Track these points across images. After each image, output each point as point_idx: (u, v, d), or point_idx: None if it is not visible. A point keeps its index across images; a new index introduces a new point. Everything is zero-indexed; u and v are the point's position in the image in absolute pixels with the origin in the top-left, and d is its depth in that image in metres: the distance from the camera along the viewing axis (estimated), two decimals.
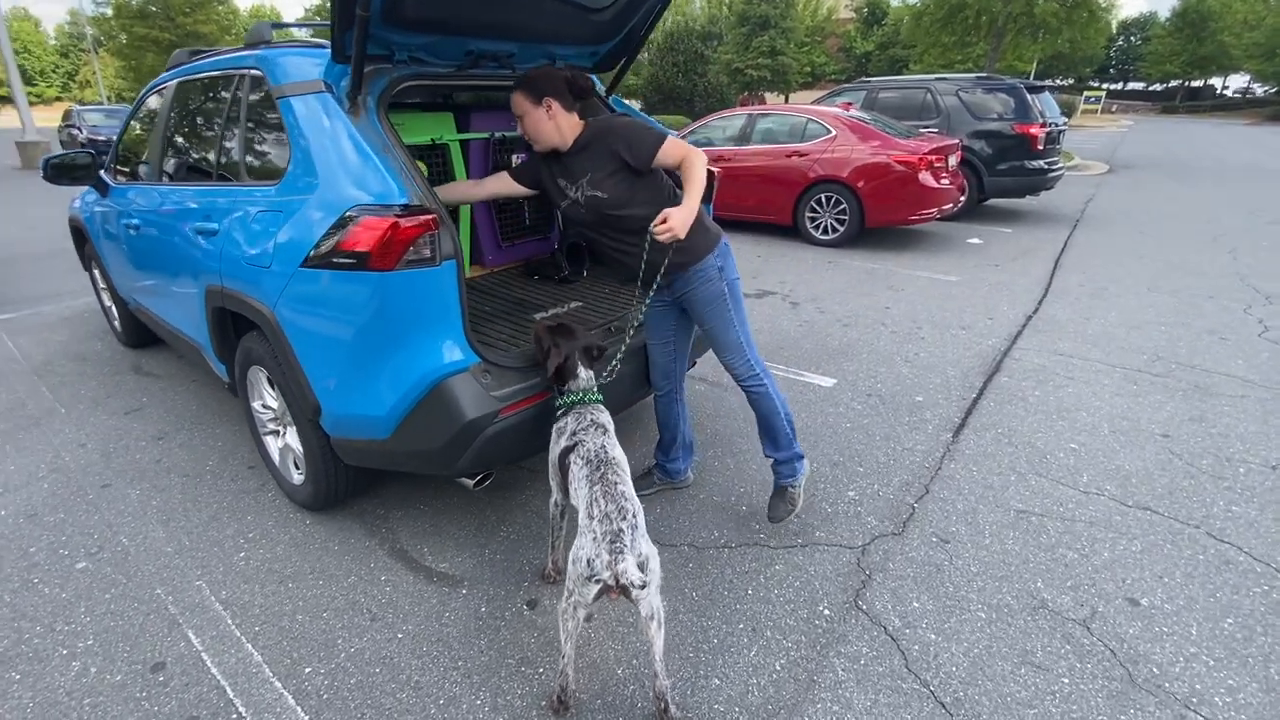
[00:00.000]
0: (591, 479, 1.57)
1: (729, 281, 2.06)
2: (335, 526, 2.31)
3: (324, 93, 1.87)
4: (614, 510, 1.46)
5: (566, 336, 1.86)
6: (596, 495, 1.51)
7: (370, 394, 1.82)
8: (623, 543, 1.40)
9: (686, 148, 1.90)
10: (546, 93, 1.87)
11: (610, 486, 1.53)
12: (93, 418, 3.13)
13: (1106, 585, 2.01)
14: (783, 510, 2.22)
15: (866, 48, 36.87)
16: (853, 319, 4.54)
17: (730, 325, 2.07)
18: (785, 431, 2.19)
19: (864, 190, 6.43)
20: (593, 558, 1.40)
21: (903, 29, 20.80)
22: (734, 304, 2.07)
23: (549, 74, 1.92)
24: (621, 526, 1.43)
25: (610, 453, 1.65)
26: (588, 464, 1.61)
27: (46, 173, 3.02)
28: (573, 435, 1.73)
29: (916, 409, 3.20)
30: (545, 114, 1.89)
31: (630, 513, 1.47)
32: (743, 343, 2.10)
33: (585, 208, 1.96)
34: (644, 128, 1.92)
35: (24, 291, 5.22)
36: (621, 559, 1.37)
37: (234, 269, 2.10)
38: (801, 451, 2.24)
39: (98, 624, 1.88)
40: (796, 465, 2.22)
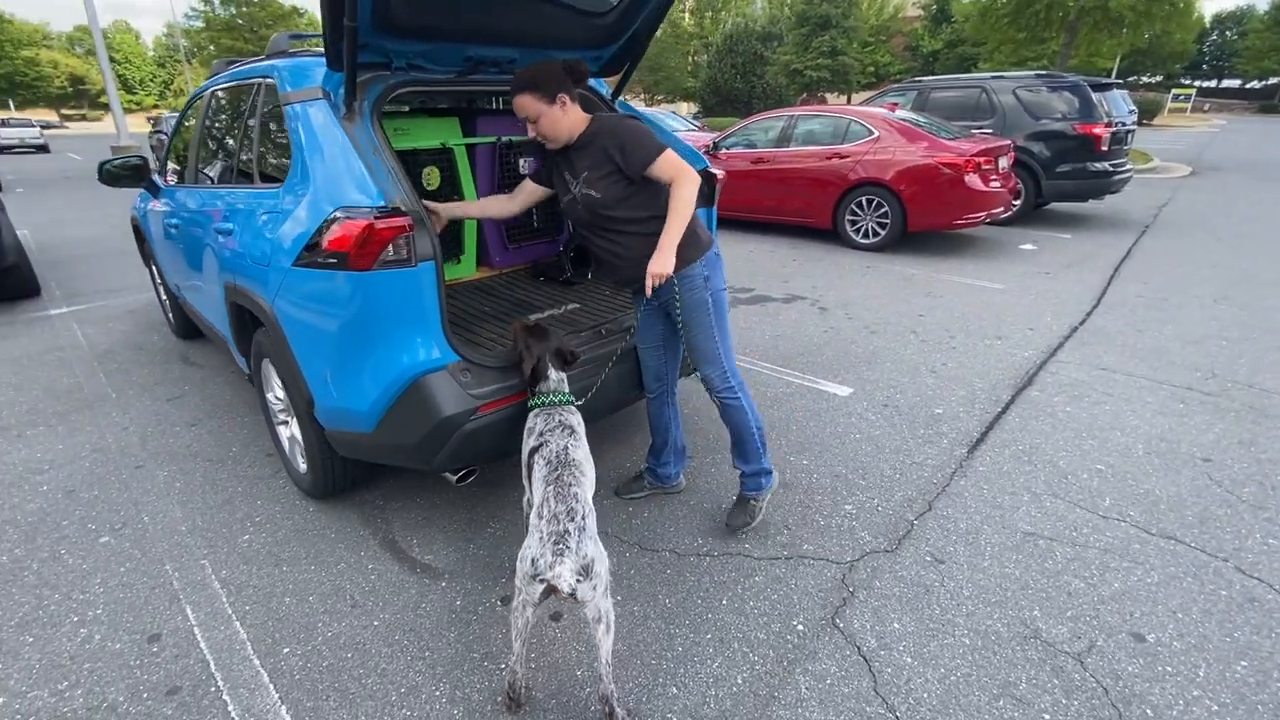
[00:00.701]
0: (547, 479, 1.58)
1: (714, 291, 2.04)
2: (335, 515, 2.40)
3: (322, 100, 1.96)
4: (563, 511, 1.47)
5: (540, 338, 1.89)
6: (549, 495, 1.52)
7: (354, 389, 1.89)
8: (566, 544, 1.40)
9: (680, 168, 1.85)
10: (558, 89, 1.85)
11: (564, 488, 1.54)
12: (138, 403, 3.37)
13: (1111, 618, 1.87)
14: (741, 520, 2.23)
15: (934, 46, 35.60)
16: (881, 326, 4.39)
17: (710, 335, 2.05)
18: (755, 446, 2.18)
19: (906, 193, 6.21)
20: (537, 557, 1.41)
21: (967, 26, 19.89)
22: (716, 314, 2.05)
23: (551, 70, 1.87)
24: (569, 528, 1.43)
25: (571, 454, 1.65)
26: (547, 464, 1.63)
27: (101, 176, 3.28)
28: (540, 435, 1.75)
29: (934, 422, 3.06)
30: (561, 110, 1.87)
31: (579, 514, 1.47)
32: (720, 354, 2.08)
33: (581, 205, 1.96)
34: (643, 135, 1.88)
35: (97, 284, 5.67)
36: (561, 562, 1.37)
37: (244, 267, 2.22)
38: (770, 467, 2.25)
39: (109, 595, 2.02)
40: (763, 480, 2.23)
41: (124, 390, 3.52)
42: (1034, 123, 7.44)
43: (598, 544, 1.47)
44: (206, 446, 2.93)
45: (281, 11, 31.69)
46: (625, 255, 1.99)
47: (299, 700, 1.64)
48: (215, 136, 2.89)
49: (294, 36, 2.45)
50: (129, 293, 5.38)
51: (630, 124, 1.92)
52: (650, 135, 1.90)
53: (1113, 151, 7.27)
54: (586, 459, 1.71)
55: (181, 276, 3.36)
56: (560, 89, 1.85)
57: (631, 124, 1.92)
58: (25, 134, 24.48)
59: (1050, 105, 7.42)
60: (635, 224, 1.94)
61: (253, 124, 2.39)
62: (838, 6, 30.25)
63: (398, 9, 1.86)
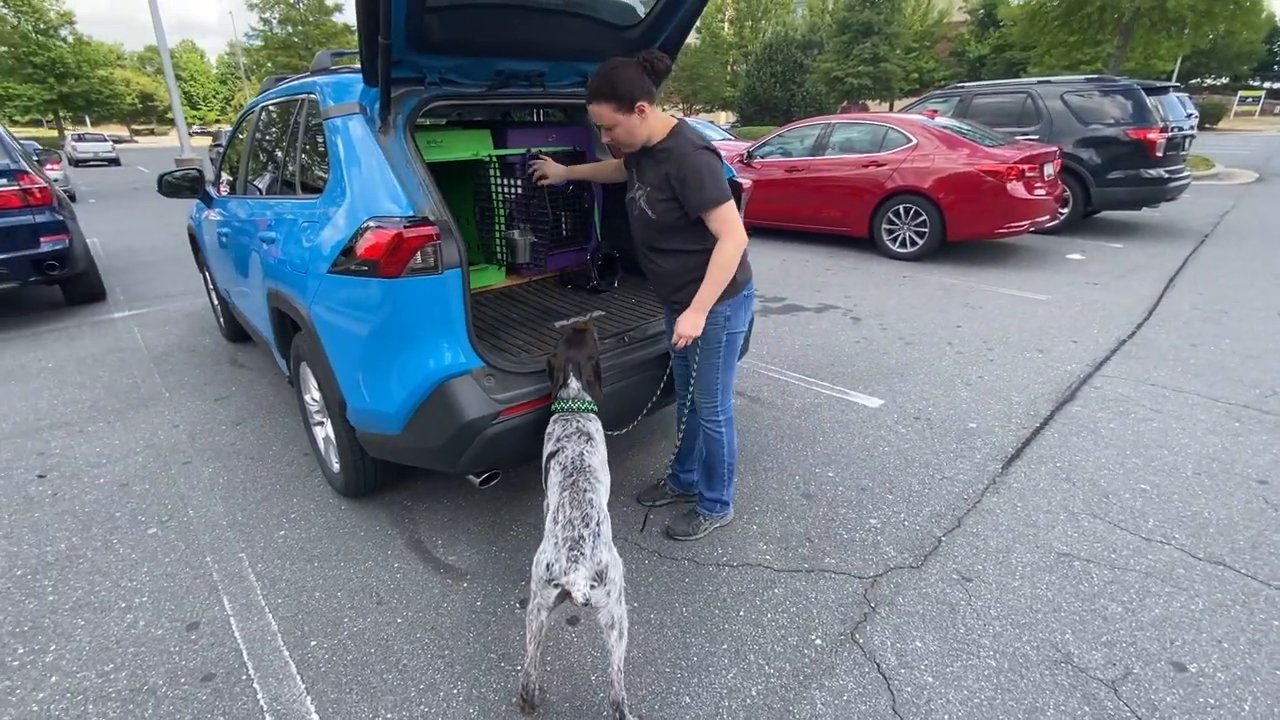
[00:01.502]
0: (563, 485, 1.60)
1: (730, 332, 2.03)
2: (365, 514, 2.48)
3: (359, 114, 2.04)
4: (578, 517, 1.48)
5: (574, 346, 1.93)
6: (564, 501, 1.54)
7: (383, 391, 1.96)
8: (581, 550, 1.42)
9: (728, 227, 1.79)
10: (637, 96, 1.76)
11: (579, 494, 1.55)
12: (189, 403, 3.54)
13: (1150, 645, 1.79)
14: (683, 529, 2.28)
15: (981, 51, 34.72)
16: (916, 337, 4.30)
17: (714, 370, 2.07)
18: (722, 476, 2.24)
19: (945, 201, 6.08)
20: (552, 562, 1.43)
21: (1015, 30, 19.34)
22: (726, 352, 2.05)
23: (628, 74, 1.75)
24: (583, 534, 1.45)
25: (587, 460, 1.67)
26: (563, 470, 1.66)
27: (161, 188, 3.48)
28: (557, 441, 1.78)
29: (967, 436, 2.98)
30: (639, 119, 1.79)
31: (594, 520, 1.49)
32: (718, 389, 2.11)
33: (636, 213, 1.98)
34: (708, 177, 1.78)
35: (156, 290, 5.99)
36: (575, 568, 1.39)
37: (284, 273, 2.32)
38: (729, 499, 2.30)
39: (154, 584, 2.13)
40: (717, 507, 2.30)
41: (176, 390, 3.71)
42: (1083, 128, 7.18)
43: (612, 550, 1.49)
44: (249, 445, 3.06)
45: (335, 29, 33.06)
46: (660, 274, 2.03)
47: (323, 692, 1.70)
48: (263, 149, 3.04)
49: (336, 54, 2.57)
50: (185, 298, 5.67)
51: (701, 160, 1.79)
52: (716, 179, 1.79)
53: (1168, 157, 6.96)
54: (602, 465, 1.73)
55: (230, 282, 3.53)
56: (640, 96, 1.76)
57: (702, 160, 1.80)
58: (99, 148, 26.08)
59: (1101, 110, 7.16)
60: (679, 254, 1.94)
61: (296, 137, 2.51)
62: (880, 13, 29.81)
63: (431, 26, 1.93)
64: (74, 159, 24.94)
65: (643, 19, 2.39)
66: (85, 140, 26.69)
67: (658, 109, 1.87)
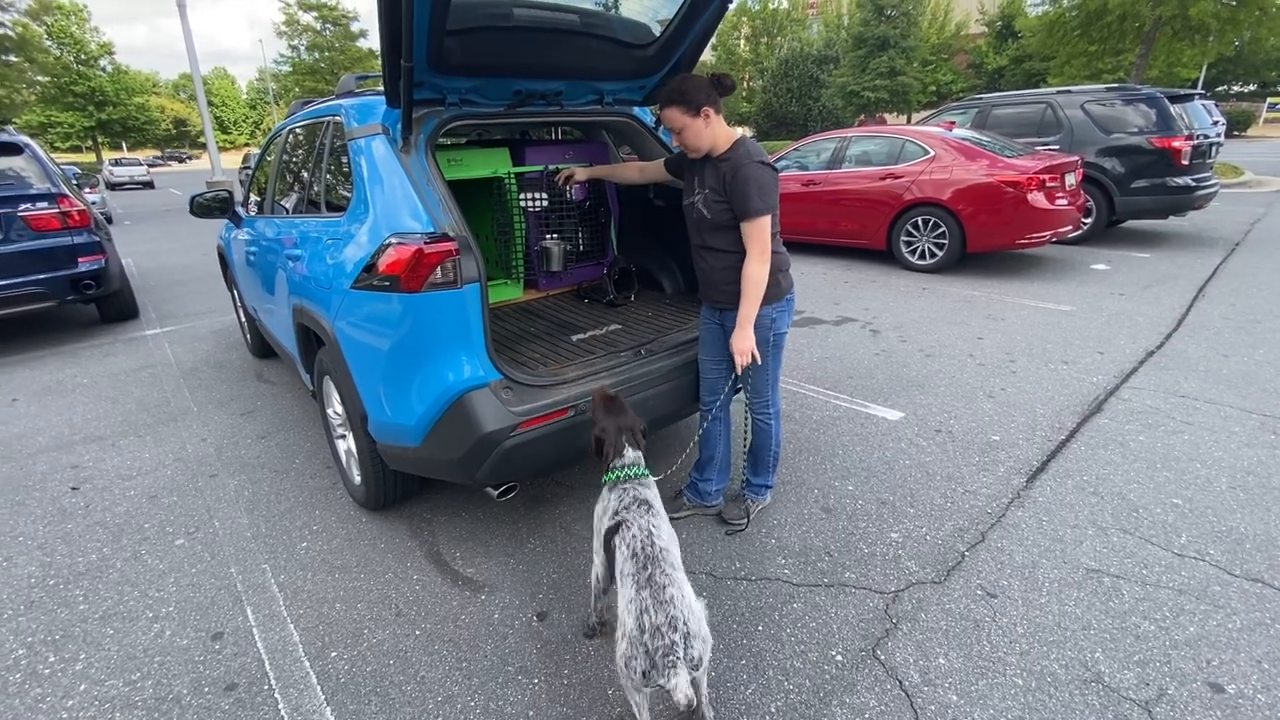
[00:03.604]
0: (639, 580, 1.44)
1: (776, 334, 2.16)
2: (385, 526, 2.51)
3: (381, 135, 2.10)
4: (664, 623, 1.35)
5: (615, 413, 1.82)
6: (646, 604, 1.38)
7: (403, 404, 1.99)
8: (676, 655, 1.31)
9: (756, 243, 1.96)
10: (703, 103, 1.95)
11: (659, 591, 1.40)
12: (216, 417, 3.62)
13: (1185, 665, 1.73)
14: (736, 514, 2.42)
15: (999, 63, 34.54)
16: (937, 349, 4.25)
17: (764, 370, 2.19)
18: (768, 464, 2.42)
19: (965, 213, 6.03)
20: (648, 670, 1.33)
21: (1033, 41, 19.20)
22: (773, 355, 2.20)
23: (698, 84, 1.97)
24: (674, 640, 1.33)
25: (657, 543, 1.51)
26: (634, 559, 1.49)
27: (193, 209, 3.60)
28: (616, 514, 1.64)
29: (990, 449, 2.93)
30: (704, 123, 1.98)
31: (681, 621, 1.36)
32: (767, 388, 2.26)
33: (694, 214, 2.13)
34: (753, 188, 1.92)
35: (187, 308, 6.16)
36: (675, 673, 1.30)
37: (309, 289, 2.38)
38: (773, 484, 2.50)
39: (180, 594, 2.17)
40: (763, 491, 2.48)
41: (204, 405, 3.80)
42: (1105, 137, 7.09)
43: (703, 626, 1.40)
44: (274, 458, 3.11)
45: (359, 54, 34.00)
46: (707, 272, 2.16)
47: (343, 703, 1.71)
48: (290, 170, 3.13)
49: (360, 78, 2.65)
50: (214, 315, 5.82)
51: (754, 171, 1.94)
52: (762, 190, 1.93)
53: (1194, 165, 6.83)
54: (672, 539, 1.59)
55: (257, 299, 3.62)
56: (706, 102, 1.96)
57: (755, 172, 1.94)
58: (134, 172, 26.98)
59: (1123, 119, 7.07)
60: (725, 254, 2.08)
61: (322, 158, 2.58)
62: (896, 27, 29.85)
63: (451, 50, 1.99)
64: (110, 183, 25.84)
65: (657, 38, 2.44)
66: (121, 165, 27.66)
67: (723, 121, 2.04)
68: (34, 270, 4.79)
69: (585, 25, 2.27)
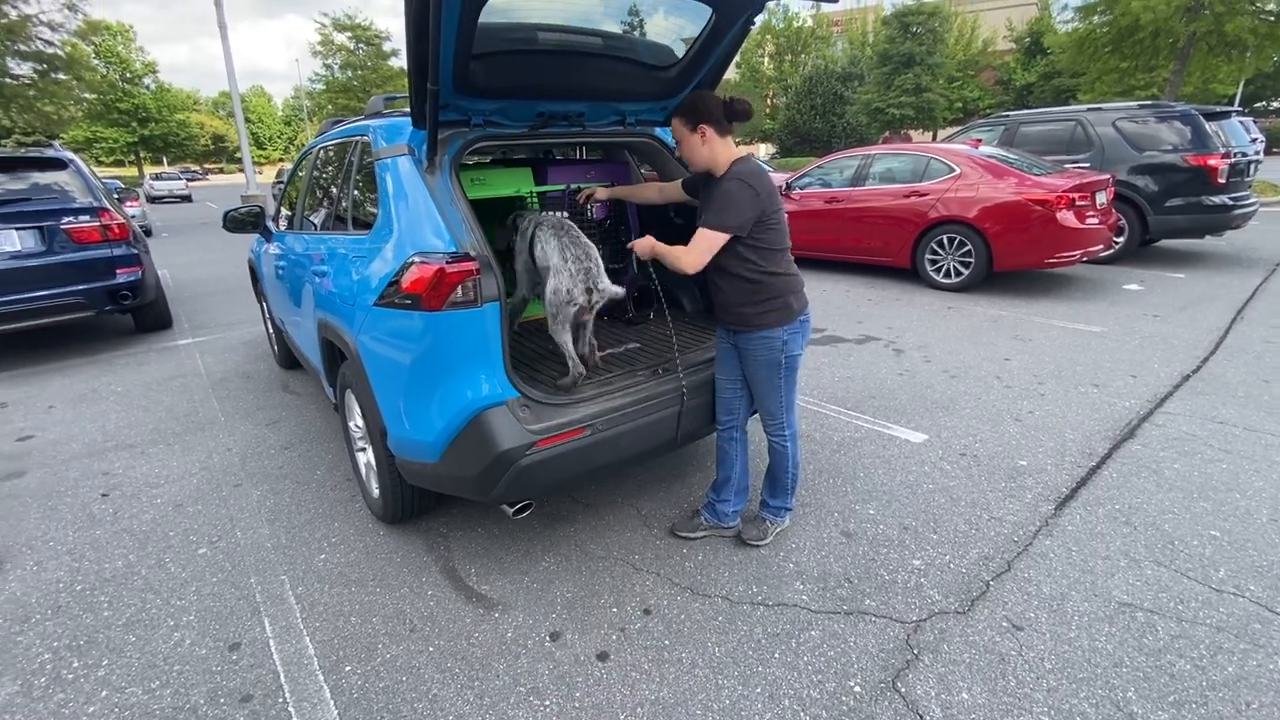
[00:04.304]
0: (560, 241, 2.21)
1: (789, 355, 2.14)
2: (402, 540, 2.52)
3: (407, 155, 2.14)
4: (584, 254, 2.20)
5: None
6: (568, 248, 2.19)
7: (422, 420, 2.00)
8: (596, 273, 2.19)
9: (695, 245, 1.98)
10: (701, 119, 1.98)
11: (575, 238, 2.23)
12: (242, 426, 3.70)
13: (1223, 707, 1.65)
14: (754, 534, 2.39)
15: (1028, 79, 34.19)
16: (962, 370, 4.17)
17: (776, 392, 2.18)
18: (785, 485, 2.37)
19: (992, 231, 5.94)
20: (588, 287, 2.18)
21: (1063, 57, 18.97)
22: (786, 376, 2.17)
23: (705, 100, 2.01)
24: (589, 266, 2.18)
25: (566, 220, 2.27)
26: (552, 229, 2.26)
27: (225, 224, 3.70)
28: (528, 229, 2.37)
29: (1016, 474, 2.85)
30: (699, 140, 2.01)
31: (594, 256, 2.23)
32: (782, 410, 2.22)
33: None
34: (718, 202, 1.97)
35: (218, 319, 6.32)
36: (602, 281, 2.18)
37: (334, 304, 2.43)
38: (791, 505, 2.44)
39: (201, 603, 2.20)
40: (782, 513, 2.43)
41: (231, 415, 3.88)
42: (1138, 155, 6.96)
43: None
44: (296, 469, 3.16)
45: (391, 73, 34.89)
46: (719, 294, 2.17)
47: (355, 718, 1.71)
48: (319, 187, 3.21)
49: (388, 99, 2.71)
50: (244, 326, 5.96)
51: (727, 185, 1.98)
52: (726, 207, 1.95)
53: (1231, 184, 6.66)
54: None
55: (285, 312, 3.70)
56: (703, 120, 1.99)
57: (729, 186, 1.98)
58: (173, 186, 27.93)
59: (1157, 136, 6.93)
60: (731, 276, 2.09)
61: (350, 176, 2.64)
62: (922, 44, 29.76)
63: (476, 72, 2.03)
64: (151, 196, 26.78)
65: (679, 60, 2.46)
66: (162, 179, 28.68)
67: (729, 143, 2.04)
68: (75, 281, 4.96)
69: (608, 48, 2.30)
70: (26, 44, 15.70)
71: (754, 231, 2.00)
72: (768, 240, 2.03)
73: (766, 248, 2.03)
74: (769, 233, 2.02)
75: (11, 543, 2.61)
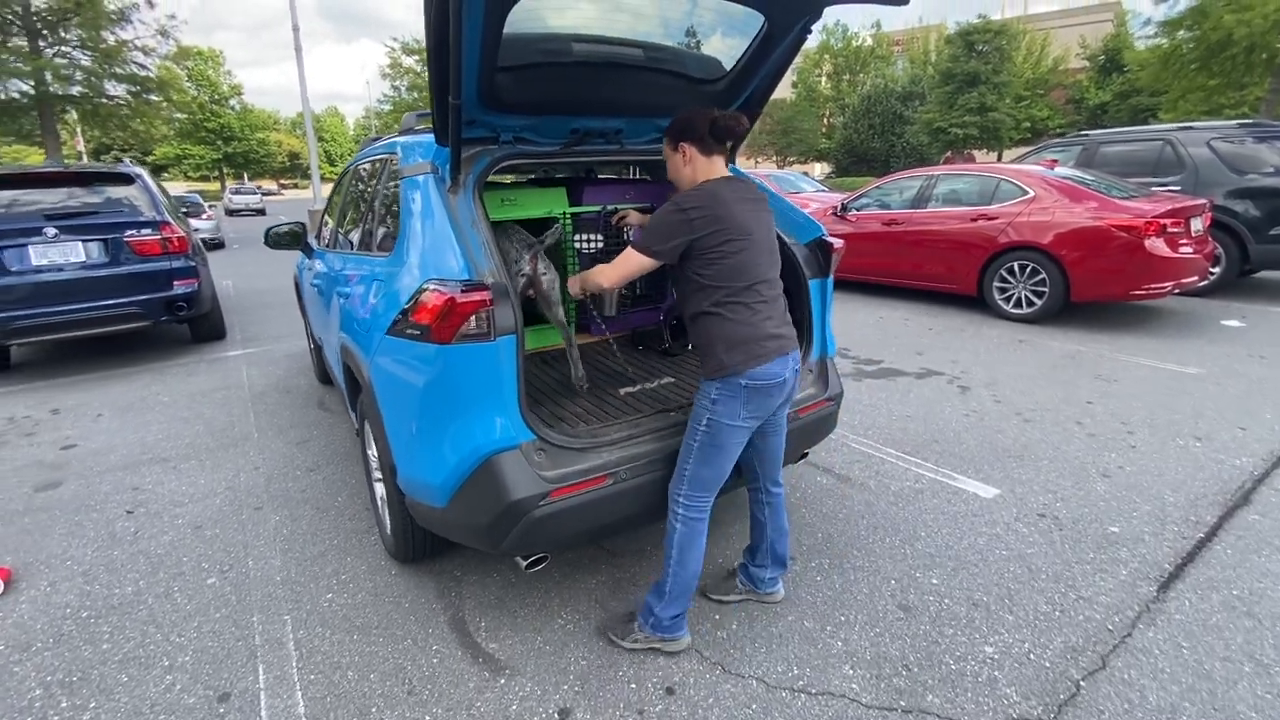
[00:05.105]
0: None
1: (714, 416, 1.77)
2: (413, 582, 2.35)
3: (430, 174, 2.00)
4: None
5: None
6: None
7: (430, 461, 1.83)
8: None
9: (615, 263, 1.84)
10: (682, 137, 1.81)
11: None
12: (273, 444, 3.65)
13: None
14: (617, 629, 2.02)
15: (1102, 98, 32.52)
16: (1038, 413, 3.76)
17: (688, 450, 1.83)
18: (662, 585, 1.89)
19: (1069, 258, 5.46)
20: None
21: (1144, 75, 17.87)
22: (704, 438, 1.79)
23: (689, 118, 1.82)
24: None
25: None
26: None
27: (266, 240, 3.69)
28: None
29: (1108, 543, 2.47)
30: (682, 159, 1.83)
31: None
32: (685, 475, 1.84)
33: None
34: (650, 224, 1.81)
35: (269, 331, 6.44)
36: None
37: (352, 329, 2.31)
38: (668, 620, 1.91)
39: (200, 642, 2.08)
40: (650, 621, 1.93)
41: (265, 431, 3.84)
42: (1237, 178, 6.33)
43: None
44: (318, 493, 3.06)
45: None
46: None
47: None
48: (352, 206, 3.14)
49: (421, 115, 2.60)
50: (292, 339, 6.04)
51: (661, 209, 1.79)
52: (654, 228, 1.77)
53: None
54: None
55: (319, 329, 3.65)
56: (684, 138, 1.80)
57: (661, 210, 1.79)
58: (249, 200, 29.69)
59: (1258, 158, 6.30)
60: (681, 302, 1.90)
61: (377, 196, 2.54)
62: (988, 62, 28.76)
63: (503, 86, 1.88)
64: (229, 209, 28.46)
65: (727, 72, 2.26)
66: (239, 194, 30.48)
67: (715, 163, 1.82)
68: (134, 291, 5.12)
69: (650, 60, 2.12)
70: (122, 67, 16.90)
71: (695, 267, 1.74)
72: (711, 276, 1.73)
73: (711, 284, 1.73)
74: (713, 268, 1.72)
75: (33, 559, 2.58)
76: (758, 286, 1.77)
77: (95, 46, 16.12)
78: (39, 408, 4.37)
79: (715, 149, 1.81)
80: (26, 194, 4.95)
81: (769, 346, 1.74)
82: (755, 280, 1.76)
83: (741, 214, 1.75)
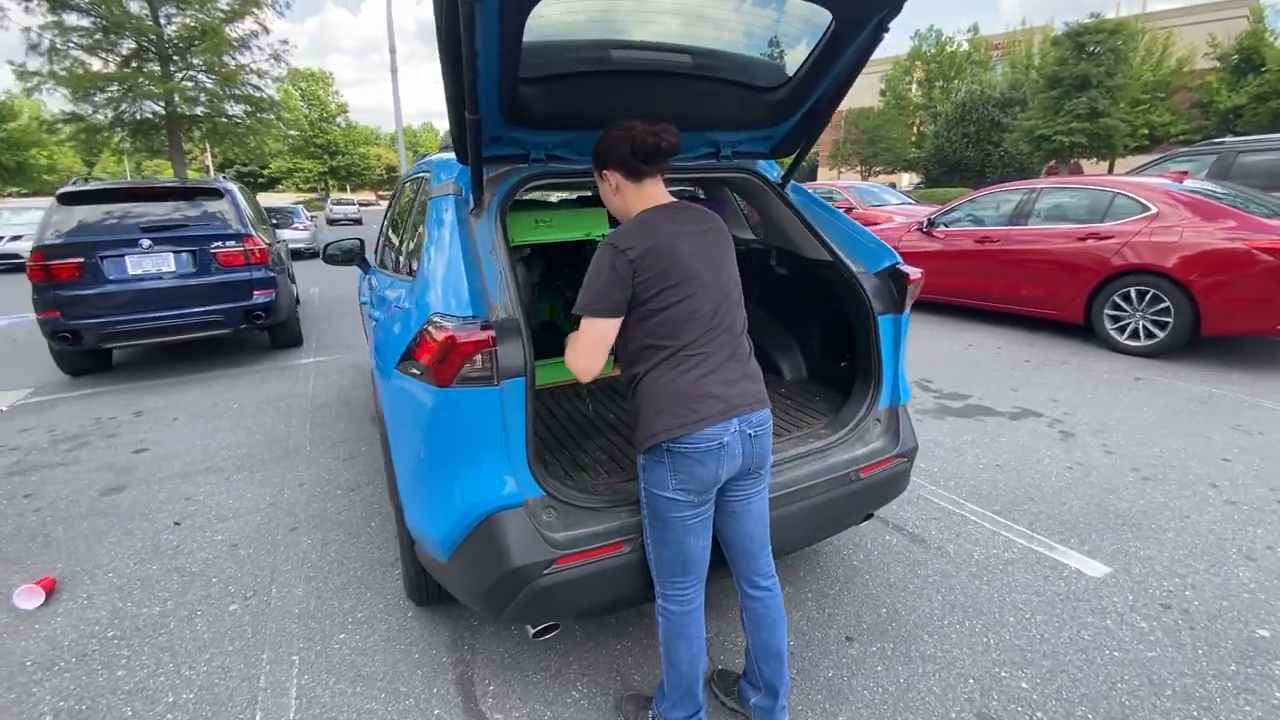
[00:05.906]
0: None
1: (645, 482, 1.51)
2: (428, 627, 2.20)
3: (452, 195, 1.86)
4: None
5: None
6: None
7: (430, 511, 1.66)
8: None
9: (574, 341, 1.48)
10: (603, 165, 1.54)
11: None
12: (320, 459, 3.65)
13: None
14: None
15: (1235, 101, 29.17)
16: (1160, 470, 3.20)
17: (645, 529, 1.56)
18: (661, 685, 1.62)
19: (1199, 285, 4.74)
20: None
21: None
22: (648, 512, 1.53)
23: (604, 138, 1.55)
24: None
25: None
26: None
27: (324, 257, 3.72)
28: None
29: (1255, 651, 1.98)
30: (610, 189, 1.57)
31: None
32: (650, 558, 1.58)
33: None
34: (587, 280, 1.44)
35: (342, 340, 6.63)
36: None
37: (376, 355, 2.20)
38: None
39: (208, 678, 2.00)
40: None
41: (317, 444, 3.87)
42: None
43: None
44: (353, 515, 2.99)
45: None
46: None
47: None
48: (395, 225, 3.08)
49: None
50: (359, 350, 6.18)
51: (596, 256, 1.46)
52: (590, 282, 1.43)
53: None
54: None
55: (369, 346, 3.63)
56: (607, 165, 1.53)
57: (596, 257, 1.46)
58: (347, 210, 31.92)
59: None
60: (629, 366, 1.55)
61: (410, 215, 2.44)
62: (1100, 65, 26.46)
63: (530, 99, 1.70)
64: (330, 218, 30.66)
65: (789, 79, 1.99)
66: (339, 205, 32.83)
67: (647, 191, 1.53)
68: (218, 300, 5.39)
69: (699, 67, 1.88)
70: (240, 89, 18.45)
71: (628, 321, 1.46)
72: (645, 333, 1.45)
73: (645, 344, 1.46)
74: (647, 324, 1.45)
75: (80, 567, 2.63)
76: (702, 340, 1.47)
77: (217, 70, 17.66)
78: (125, 409, 4.63)
79: (645, 172, 1.51)
80: (126, 206, 5.32)
81: (704, 408, 1.42)
82: (700, 334, 1.46)
83: (685, 252, 1.45)
